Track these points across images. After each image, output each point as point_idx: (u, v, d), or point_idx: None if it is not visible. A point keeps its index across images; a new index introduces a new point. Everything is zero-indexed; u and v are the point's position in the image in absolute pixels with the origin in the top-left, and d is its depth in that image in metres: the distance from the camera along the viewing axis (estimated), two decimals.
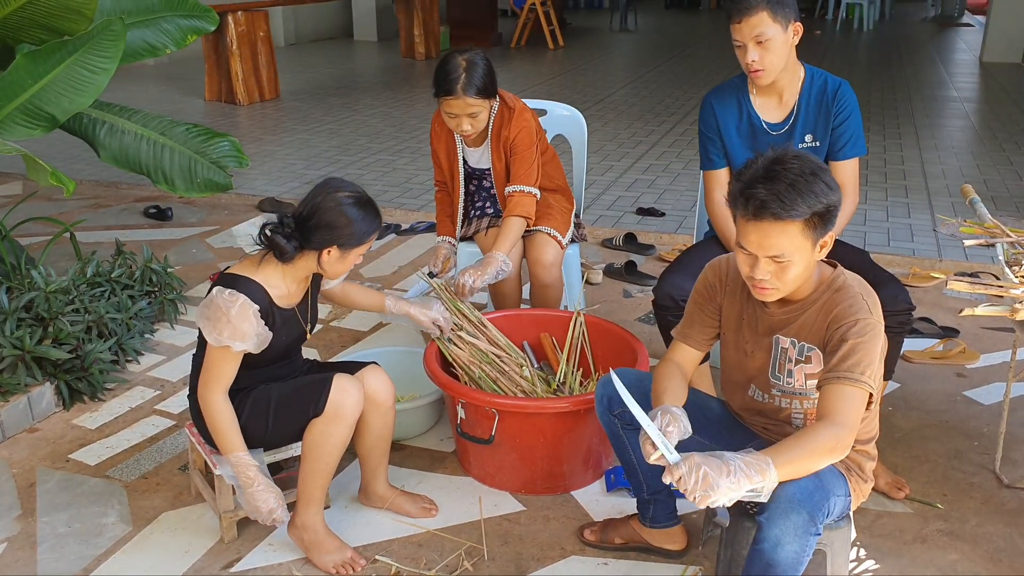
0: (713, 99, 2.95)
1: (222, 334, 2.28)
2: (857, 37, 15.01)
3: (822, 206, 1.88)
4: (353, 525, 2.63)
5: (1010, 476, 2.84)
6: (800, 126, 2.87)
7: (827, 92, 2.85)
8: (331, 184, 2.36)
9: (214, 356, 2.33)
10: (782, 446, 1.87)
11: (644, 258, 4.76)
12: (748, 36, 2.70)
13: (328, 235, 2.30)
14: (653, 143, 7.19)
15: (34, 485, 2.82)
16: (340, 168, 6.44)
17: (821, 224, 1.90)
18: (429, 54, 11.94)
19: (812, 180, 1.87)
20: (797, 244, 1.90)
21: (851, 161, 2.88)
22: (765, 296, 2.00)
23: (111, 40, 3.41)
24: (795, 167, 1.88)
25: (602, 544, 2.53)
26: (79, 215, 5.31)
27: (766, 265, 1.93)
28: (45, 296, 3.33)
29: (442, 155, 3.36)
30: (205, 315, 2.31)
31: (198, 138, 4.04)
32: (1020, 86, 9.92)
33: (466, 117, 3.07)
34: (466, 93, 3.02)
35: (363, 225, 2.33)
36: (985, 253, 4.48)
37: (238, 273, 2.36)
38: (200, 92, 9.00)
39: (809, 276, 2.01)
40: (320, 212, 2.30)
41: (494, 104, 3.17)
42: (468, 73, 3.01)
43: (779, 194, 1.85)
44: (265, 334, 2.34)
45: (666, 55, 12.57)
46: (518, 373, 2.89)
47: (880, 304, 2.03)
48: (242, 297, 2.29)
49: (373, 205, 2.37)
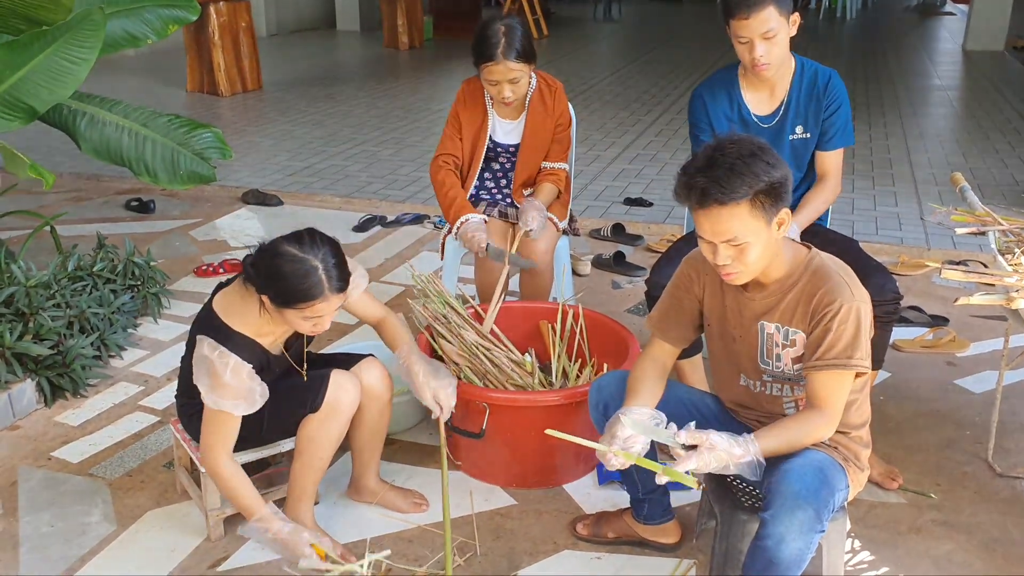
0: (704, 93, 2.92)
1: (221, 398, 2.20)
2: (840, 26, 15.03)
3: (764, 184, 1.88)
4: (343, 521, 2.60)
5: (1003, 465, 2.83)
6: (791, 118, 2.85)
7: (818, 83, 2.84)
8: (295, 236, 2.18)
9: (214, 420, 2.25)
10: (769, 431, 1.96)
11: (632, 248, 4.73)
12: (757, 32, 2.65)
13: (264, 281, 2.17)
14: (639, 132, 7.17)
15: (15, 484, 2.77)
16: (324, 159, 6.38)
17: (770, 202, 1.90)
18: (412, 44, 11.87)
19: (751, 161, 1.88)
20: (749, 226, 1.90)
21: (837, 151, 2.89)
22: (733, 280, 2.01)
23: (91, 30, 3.34)
24: (733, 151, 1.90)
25: (595, 538, 2.51)
26: (60, 208, 5.24)
27: (725, 250, 1.95)
28: (25, 291, 3.27)
29: (470, 127, 3.27)
30: (199, 376, 2.23)
31: (180, 129, 3.98)
32: (1003, 74, 9.96)
33: (507, 83, 3.06)
34: (507, 57, 3.01)
35: (292, 289, 2.13)
36: (973, 241, 4.48)
37: (226, 322, 2.25)
38: (182, 83, 8.90)
39: (775, 255, 2.01)
40: (266, 255, 2.17)
41: (533, 73, 3.17)
42: (508, 38, 3.01)
43: (718, 180, 1.87)
44: (262, 391, 2.26)
45: (651, 45, 12.54)
46: (509, 366, 2.85)
47: (860, 282, 2.04)
48: (233, 358, 2.20)
49: (316, 276, 2.12)
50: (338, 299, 2.20)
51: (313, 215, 5.28)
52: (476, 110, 3.25)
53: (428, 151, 6.56)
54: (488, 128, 3.26)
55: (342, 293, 2.20)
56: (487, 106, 3.25)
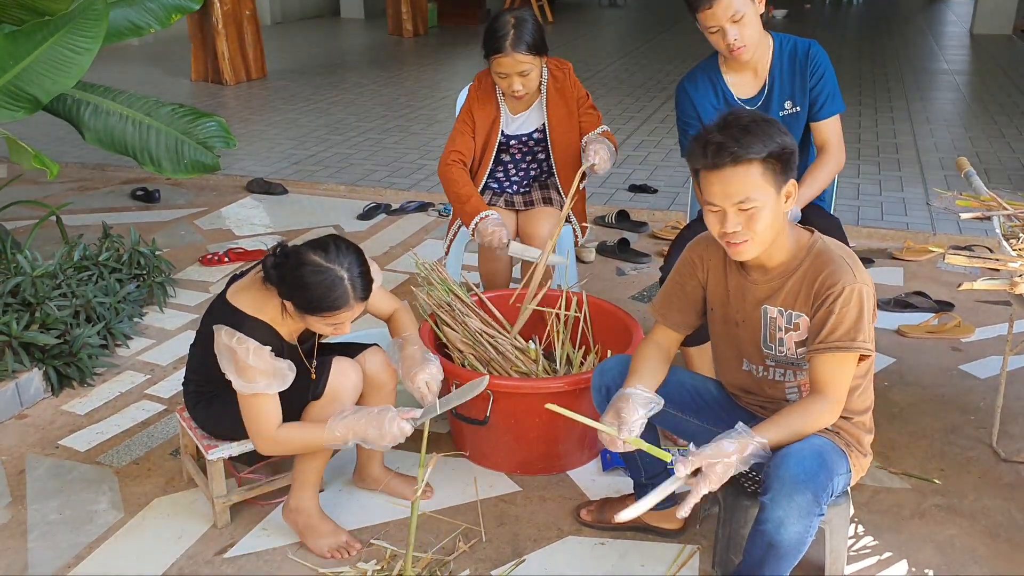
0: (688, 86, 2.89)
1: (252, 381, 2.20)
2: (847, 10, 14.94)
3: (777, 146, 1.91)
4: (348, 508, 2.61)
5: (1007, 450, 2.83)
6: (776, 95, 2.82)
7: (798, 55, 2.80)
8: (320, 244, 2.19)
9: (252, 405, 2.24)
10: (772, 423, 1.95)
11: (637, 235, 4.73)
12: (724, 19, 2.63)
13: (287, 288, 2.19)
14: (644, 119, 7.15)
15: (23, 472, 2.79)
16: (329, 147, 6.37)
17: (780, 167, 1.92)
18: (417, 31, 11.84)
19: (765, 125, 1.93)
20: (760, 187, 1.91)
21: (832, 119, 2.83)
22: (741, 252, 2.00)
23: (93, 20, 3.34)
24: (747, 115, 1.95)
25: (599, 524, 2.51)
26: (65, 198, 5.25)
27: (734, 216, 1.94)
28: (32, 281, 3.29)
29: (483, 122, 3.24)
30: (225, 365, 2.23)
31: (184, 118, 3.98)
32: (1011, 58, 9.89)
33: (517, 76, 3.05)
34: (516, 50, 3.00)
35: (317, 299, 2.15)
36: (979, 226, 4.47)
37: (243, 309, 2.25)
38: (186, 72, 8.90)
39: (780, 232, 2.00)
40: (290, 263, 2.18)
41: (544, 64, 3.16)
42: (517, 30, 3.00)
43: (734, 136, 1.90)
44: (289, 366, 2.26)
45: (656, 30, 12.49)
46: (514, 353, 2.86)
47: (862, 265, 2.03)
48: (251, 342, 2.20)
49: (342, 287, 2.14)
50: (361, 306, 2.23)
51: (318, 203, 5.28)
52: (489, 106, 3.24)
53: (432, 139, 6.56)
54: (501, 123, 3.25)
55: (365, 300, 2.23)
56: (499, 100, 3.24)
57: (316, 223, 4.92)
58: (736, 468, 1.87)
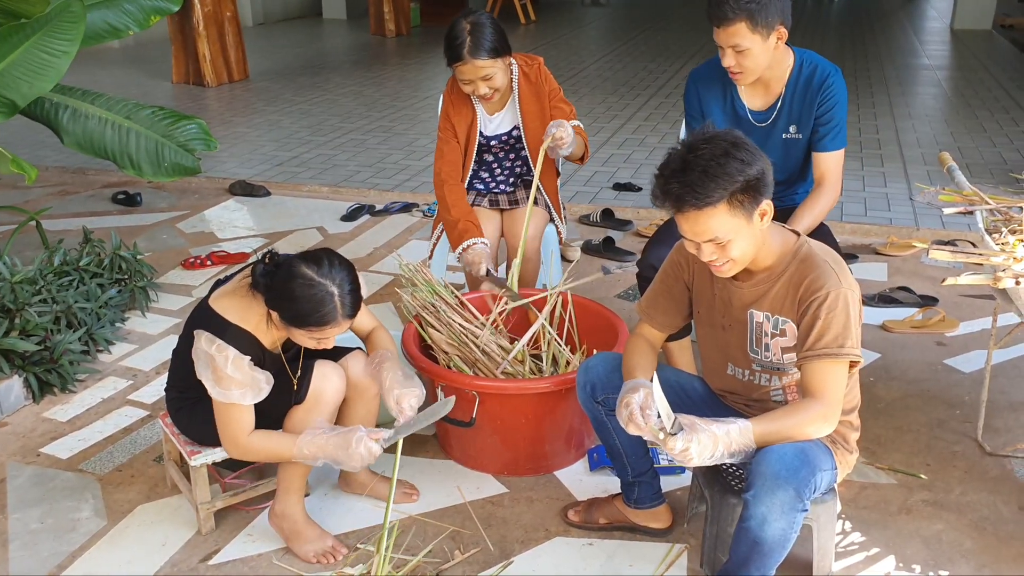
0: (697, 80, 2.89)
1: (227, 390, 2.19)
2: (828, 6, 14.99)
3: (739, 184, 1.86)
4: (334, 513, 2.59)
5: (992, 444, 2.84)
6: (784, 117, 2.82)
7: (814, 81, 2.77)
8: (313, 257, 2.17)
9: (226, 412, 2.23)
10: (768, 419, 1.92)
11: (622, 234, 4.73)
12: (726, 44, 2.63)
13: (275, 299, 2.17)
14: (628, 117, 7.15)
15: (4, 481, 2.75)
16: (312, 148, 6.34)
17: (748, 198, 1.89)
18: (399, 31, 11.81)
19: (725, 161, 1.85)
20: (728, 224, 1.89)
21: (834, 153, 2.80)
22: (723, 273, 2.00)
23: (70, 22, 3.32)
24: (706, 152, 1.87)
25: (587, 524, 2.50)
26: (45, 203, 5.20)
27: (708, 248, 1.94)
28: (11, 287, 3.25)
29: (461, 125, 3.22)
30: (201, 370, 2.21)
31: (164, 121, 3.95)
32: (991, 53, 9.95)
33: (480, 81, 3.02)
34: (474, 56, 2.97)
35: (305, 313, 2.13)
36: (962, 221, 4.48)
37: (225, 317, 2.22)
38: (167, 75, 8.84)
39: (763, 244, 2.00)
40: (280, 273, 2.16)
41: (512, 63, 3.13)
42: (474, 36, 2.96)
43: (692, 185, 1.85)
44: (266, 379, 2.24)
45: (638, 29, 12.50)
46: (499, 354, 2.84)
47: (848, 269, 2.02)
48: (231, 351, 2.18)
49: (332, 303, 2.12)
50: (348, 323, 2.21)
51: (301, 205, 5.25)
52: (464, 109, 3.22)
53: (416, 139, 6.54)
54: (478, 125, 3.23)
55: (353, 318, 2.21)
56: (474, 103, 3.22)
57: (299, 225, 4.90)
58: (721, 443, 1.84)
